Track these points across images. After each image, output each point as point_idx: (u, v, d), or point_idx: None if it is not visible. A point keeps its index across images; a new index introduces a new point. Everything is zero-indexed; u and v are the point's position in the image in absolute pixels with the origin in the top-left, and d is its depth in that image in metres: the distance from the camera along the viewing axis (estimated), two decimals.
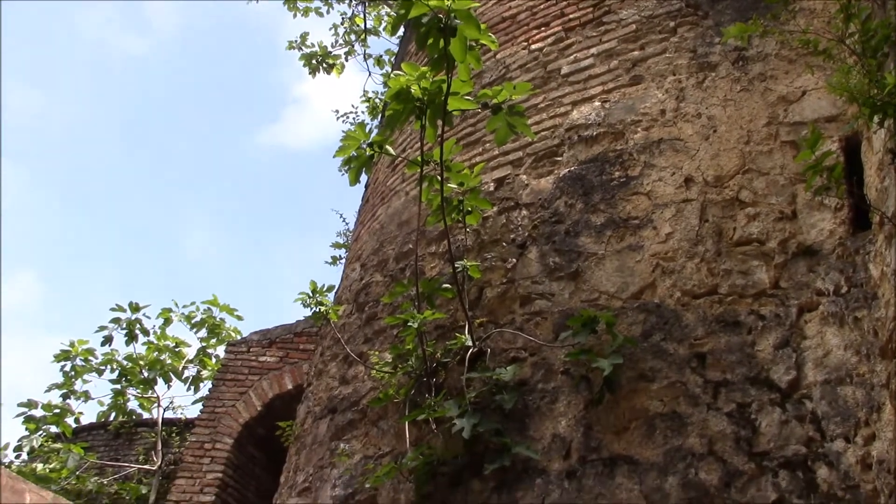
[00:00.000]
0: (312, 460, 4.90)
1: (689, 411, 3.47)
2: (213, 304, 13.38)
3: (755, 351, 3.51)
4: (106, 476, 11.60)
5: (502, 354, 4.12)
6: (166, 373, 12.69)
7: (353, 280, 5.76)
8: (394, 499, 4.09)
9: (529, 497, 3.60)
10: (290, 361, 10.38)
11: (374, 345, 4.92)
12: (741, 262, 3.77)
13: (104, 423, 12.77)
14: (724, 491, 3.23)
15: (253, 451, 10.36)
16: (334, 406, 4.98)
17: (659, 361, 3.65)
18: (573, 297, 4.08)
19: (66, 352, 12.72)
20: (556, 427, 3.73)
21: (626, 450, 3.51)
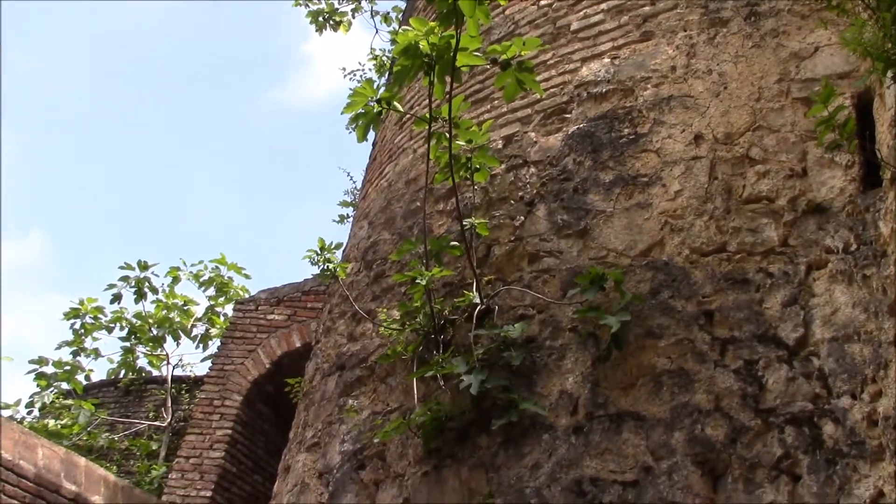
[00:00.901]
0: (321, 416, 4.95)
1: (696, 368, 3.49)
2: (220, 262, 13.43)
3: (763, 308, 3.51)
4: (117, 432, 11.76)
5: (510, 312, 4.13)
6: (175, 331, 12.79)
7: (361, 238, 5.76)
8: (402, 454, 4.13)
9: (537, 452, 3.63)
10: (298, 319, 10.43)
11: (382, 302, 4.94)
12: (750, 219, 3.75)
13: (114, 380, 12.90)
14: (731, 446, 3.26)
15: (262, 408, 10.46)
16: (343, 363, 5.01)
17: (667, 319, 3.66)
18: (581, 255, 4.08)
19: (75, 310, 12.81)
20: (563, 383, 3.75)
21: (633, 406, 3.53)
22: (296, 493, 4.75)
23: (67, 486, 7.89)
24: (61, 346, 12.83)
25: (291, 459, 5.16)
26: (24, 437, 7.69)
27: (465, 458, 3.84)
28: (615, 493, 3.36)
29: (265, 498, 9.64)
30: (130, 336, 12.84)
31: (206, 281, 13.37)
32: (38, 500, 7.53)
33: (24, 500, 7.39)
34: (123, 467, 11.03)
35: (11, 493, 7.30)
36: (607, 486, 3.39)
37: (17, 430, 7.71)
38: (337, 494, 4.35)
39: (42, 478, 7.61)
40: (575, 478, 3.47)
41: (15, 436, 7.53)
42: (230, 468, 9.90)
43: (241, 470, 10.10)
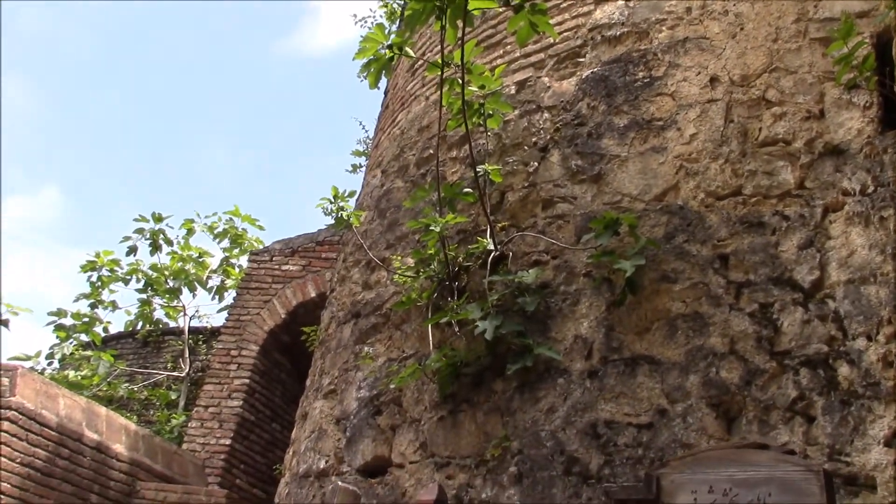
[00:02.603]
0: (337, 364, 4.99)
1: (711, 312, 3.49)
2: (234, 214, 13.46)
3: (779, 251, 3.49)
4: (136, 383, 11.91)
5: (524, 258, 4.13)
6: (191, 282, 12.87)
7: (374, 187, 5.75)
8: (418, 399, 4.17)
9: (551, 396, 3.66)
10: (312, 270, 10.48)
11: (396, 250, 4.94)
12: (766, 162, 3.72)
13: (132, 331, 13.03)
14: (745, 389, 3.27)
15: (278, 358, 10.57)
16: (358, 311, 5.04)
17: (681, 263, 3.65)
18: (595, 200, 4.06)
19: (92, 262, 12.89)
20: (577, 328, 3.76)
21: (648, 350, 3.54)
22: (314, 439, 4.81)
23: (89, 434, 8.02)
24: (79, 298, 12.95)
25: (309, 406, 5.22)
26: (46, 388, 7.81)
27: (481, 402, 3.87)
28: (630, 435, 3.39)
29: (283, 445, 9.78)
30: (147, 288, 12.93)
31: (221, 233, 13.42)
32: (60, 448, 7.67)
33: (47, 448, 7.52)
34: (143, 417, 11.20)
35: (35, 442, 7.43)
36: (622, 429, 3.42)
37: (38, 380, 7.83)
38: (354, 439, 4.40)
39: (64, 427, 7.74)
40: (590, 421, 3.50)
41: (36, 386, 7.65)
42: (248, 416, 10.04)
43: (259, 418, 10.24)
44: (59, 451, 7.63)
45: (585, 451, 3.45)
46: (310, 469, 4.70)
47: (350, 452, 4.41)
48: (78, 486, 7.81)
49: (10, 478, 7.14)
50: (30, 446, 7.36)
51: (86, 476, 7.91)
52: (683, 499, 2.11)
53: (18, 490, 7.20)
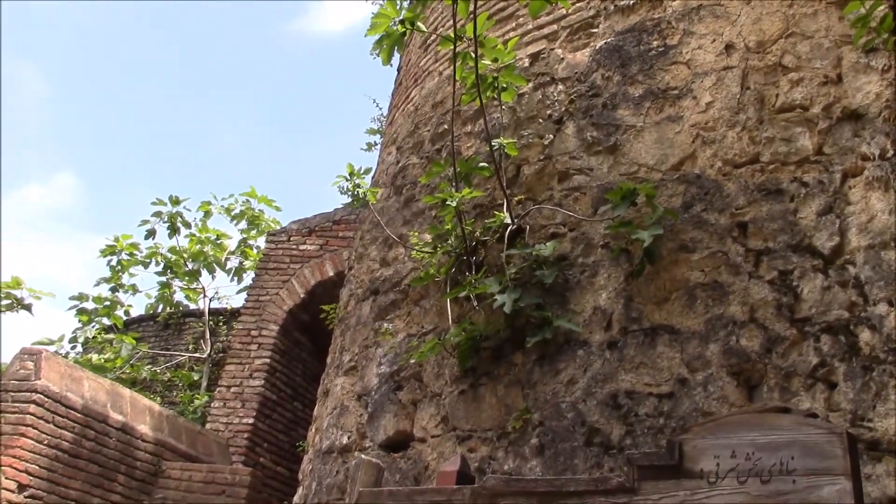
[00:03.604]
0: (357, 340, 5.02)
1: (730, 280, 3.48)
2: (251, 195, 13.52)
3: (798, 218, 3.47)
4: (158, 365, 12.02)
5: (541, 231, 4.13)
6: (210, 264, 12.95)
7: (390, 164, 5.75)
8: (438, 374, 4.19)
9: (571, 368, 3.67)
10: (329, 249, 10.52)
11: (413, 226, 4.95)
12: (784, 129, 3.69)
13: (153, 314, 13.14)
14: (766, 356, 3.26)
15: (298, 337, 10.64)
16: (376, 288, 5.06)
17: (700, 232, 3.63)
18: (612, 171, 4.05)
19: (111, 247, 13.00)
20: (596, 300, 3.76)
21: (667, 319, 3.54)
22: (336, 416, 4.85)
23: (114, 416, 8.12)
24: (100, 282, 13.07)
25: (330, 383, 5.25)
26: (70, 371, 7.90)
27: (501, 375, 3.88)
28: (651, 405, 3.40)
29: (305, 423, 9.87)
30: (166, 271, 13.03)
31: (238, 214, 13.48)
32: (86, 430, 7.77)
33: (73, 430, 7.62)
34: (167, 398, 11.31)
35: (61, 424, 7.53)
36: (643, 399, 3.43)
37: (62, 363, 7.92)
38: (376, 415, 4.43)
39: (89, 409, 7.84)
40: (610, 391, 3.51)
41: (61, 369, 7.74)
42: (270, 395, 10.13)
43: (280, 397, 10.33)
44: (85, 432, 7.74)
45: (606, 421, 3.46)
46: (333, 445, 4.74)
47: (372, 428, 4.44)
48: (104, 466, 7.92)
49: (37, 459, 7.25)
50: (56, 428, 7.46)
51: (112, 457, 8.02)
52: (706, 464, 2.11)
53: (46, 471, 7.32)
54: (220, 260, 13.11)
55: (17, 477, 7.05)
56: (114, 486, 8.01)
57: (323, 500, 4.58)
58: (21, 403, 7.27)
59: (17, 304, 7.56)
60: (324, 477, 4.69)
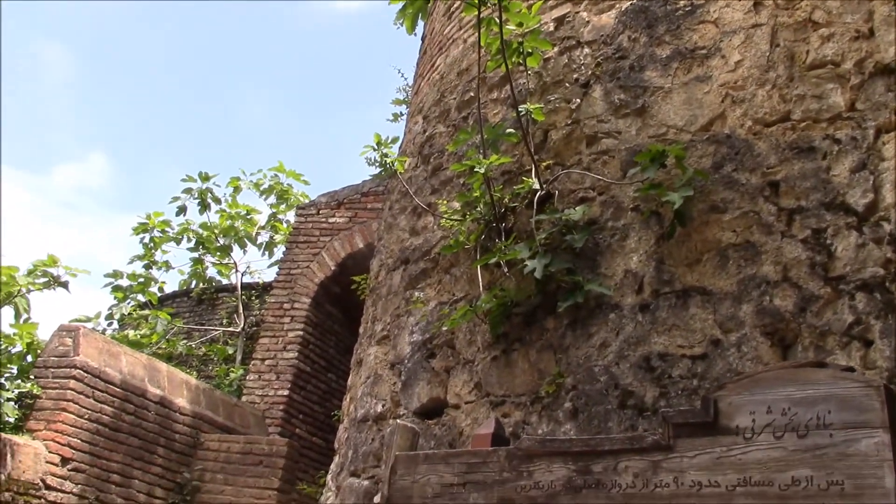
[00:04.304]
0: (389, 310, 5.05)
1: (762, 240, 3.45)
2: (279, 170, 13.59)
3: (830, 176, 3.43)
4: (193, 340, 12.18)
5: (570, 195, 4.11)
6: (241, 239, 13.06)
7: (416, 133, 5.75)
8: (470, 340, 4.21)
9: (603, 331, 3.67)
10: (359, 221, 10.56)
11: (441, 195, 4.95)
12: (815, 85, 3.63)
13: (186, 290, 13.29)
14: (800, 316, 3.24)
15: (330, 309, 10.72)
16: (406, 257, 5.08)
17: (731, 192, 3.60)
18: (640, 134, 4.02)
19: (143, 224, 13.14)
20: (627, 263, 3.75)
21: (699, 281, 3.52)
22: (369, 385, 4.90)
23: (152, 389, 8.26)
24: (133, 260, 13.24)
25: (363, 353, 5.30)
26: (108, 346, 8.03)
27: (533, 341, 3.89)
28: (684, 366, 3.39)
29: (339, 394, 9.97)
30: (198, 247, 13.16)
31: (267, 189, 13.56)
32: (126, 404, 7.91)
33: (112, 404, 7.77)
34: (203, 372, 11.47)
35: (101, 399, 7.67)
36: (676, 361, 3.42)
37: (100, 339, 8.06)
38: (409, 383, 4.47)
39: (128, 383, 7.98)
40: (643, 354, 3.51)
41: (99, 345, 7.87)
42: (304, 367, 10.24)
43: (314, 369, 10.44)
44: (124, 406, 7.88)
45: (640, 384, 3.46)
46: (367, 413, 4.79)
47: (406, 396, 4.48)
48: (144, 439, 8.08)
49: (79, 433, 7.40)
50: (96, 403, 7.61)
51: (151, 430, 8.17)
52: (741, 420, 2.12)
53: (88, 445, 7.47)
54: (250, 235, 13.21)
55: (60, 451, 7.20)
56: (154, 459, 8.17)
57: (359, 467, 4.64)
58: (61, 379, 7.41)
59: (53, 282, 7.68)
60: (359, 445, 4.74)
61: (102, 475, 7.62)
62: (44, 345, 7.79)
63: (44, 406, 7.32)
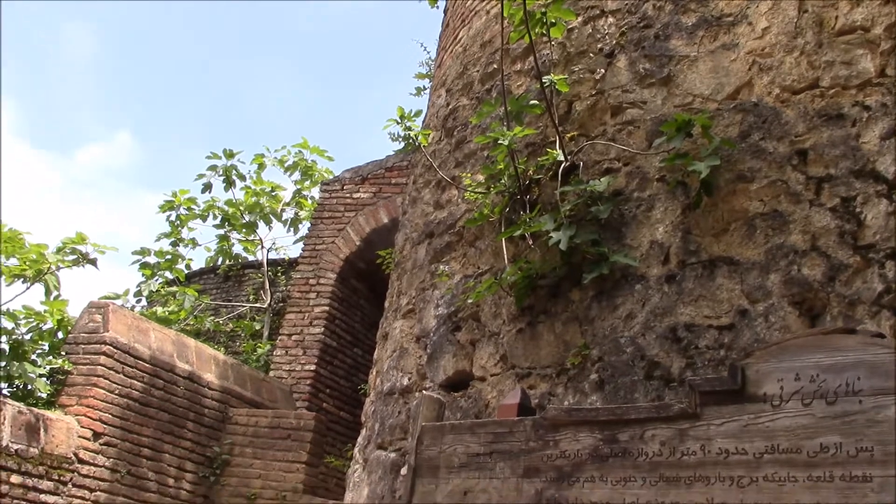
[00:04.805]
0: (414, 284, 5.06)
1: (790, 209, 3.41)
2: (303, 146, 13.62)
3: (860, 143, 3.38)
4: (221, 316, 12.29)
5: (595, 167, 4.08)
6: (266, 215, 13.12)
7: (440, 106, 5.73)
8: (495, 313, 4.22)
9: (630, 303, 3.65)
10: (383, 196, 10.58)
11: (465, 168, 4.94)
12: (844, 51, 3.57)
13: (213, 267, 13.39)
14: (829, 285, 3.21)
15: (355, 284, 10.77)
16: (431, 231, 5.08)
17: (758, 161, 3.56)
18: (666, 103, 3.98)
19: (169, 202, 13.23)
20: (653, 234, 3.73)
21: (726, 251, 3.50)
22: (395, 358, 4.92)
23: (181, 365, 8.35)
24: (160, 237, 13.36)
25: (389, 327, 5.32)
26: (137, 322, 8.12)
27: (559, 312, 3.89)
28: (711, 337, 3.37)
29: (366, 369, 10.04)
30: (224, 223, 13.24)
31: (291, 166, 13.61)
32: (155, 379, 8.01)
33: (142, 380, 7.87)
34: (230, 348, 11.58)
35: (131, 374, 7.77)
36: (702, 332, 3.41)
37: (129, 315, 8.14)
38: (435, 356, 4.49)
39: (157, 359, 8.07)
40: (669, 325, 3.49)
41: (128, 321, 7.96)
42: (330, 342, 10.30)
43: (340, 344, 10.50)
44: (154, 381, 7.98)
45: (666, 355, 3.45)
46: (394, 387, 4.82)
47: (432, 369, 4.50)
48: (174, 414, 8.18)
49: (110, 408, 7.51)
50: (126, 378, 7.71)
51: (181, 405, 8.28)
52: (769, 388, 2.10)
53: (119, 420, 7.58)
54: (275, 211, 13.28)
55: (91, 426, 7.32)
56: (184, 433, 8.27)
57: (386, 440, 4.67)
58: (92, 355, 7.51)
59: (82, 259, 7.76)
60: (386, 418, 4.77)
61: (134, 449, 7.73)
62: (74, 321, 7.89)
63: (75, 382, 7.43)
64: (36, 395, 7.39)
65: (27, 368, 7.21)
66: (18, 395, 7.31)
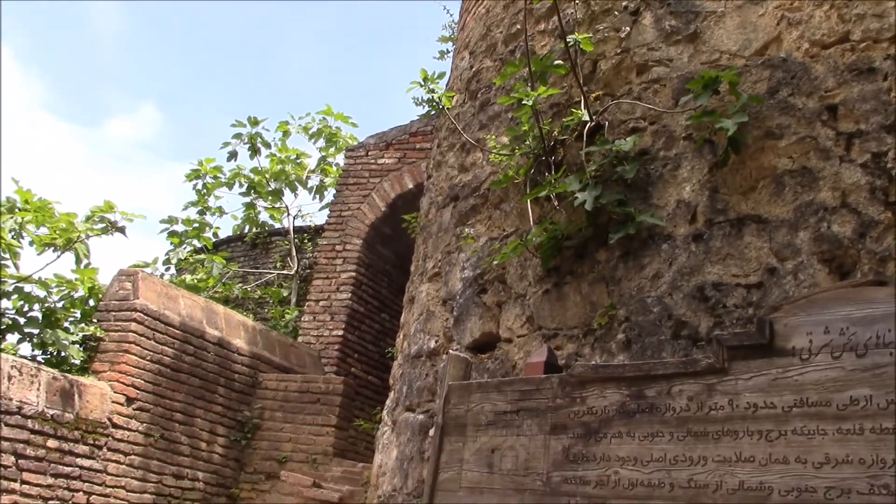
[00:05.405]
0: (440, 247, 5.07)
1: (820, 165, 3.37)
2: (327, 113, 13.60)
3: (892, 98, 3.32)
4: (248, 283, 12.39)
5: (621, 126, 4.05)
6: (291, 183, 13.16)
7: (463, 69, 5.69)
8: (521, 275, 4.21)
9: (656, 262, 3.63)
10: (407, 161, 10.57)
11: (489, 130, 4.92)
12: (875, 3, 3.50)
13: (240, 235, 13.48)
14: (859, 242, 3.17)
15: (381, 250, 10.80)
16: (456, 194, 5.07)
17: (787, 117, 3.51)
18: (692, 61, 3.92)
19: (196, 171, 13.30)
20: (680, 193, 3.70)
21: (754, 209, 3.46)
22: (422, 321, 4.94)
23: (210, 331, 8.45)
24: (187, 206, 13.44)
25: (415, 290, 5.34)
26: (166, 290, 8.21)
27: (585, 273, 3.88)
28: (739, 296, 3.35)
29: (393, 334, 10.10)
30: (250, 191, 13.30)
31: (315, 132, 13.61)
32: (185, 345, 8.11)
33: (173, 346, 7.97)
34: (259, 314, 11.69)
35: (162, 341, 7.87)
36: (730, 290, 3.39)
37: (158, 283, 8.23)
38: (462, 318, 4.50)
39: (187, 325, 8.16)
40: (697, 284, 3.47)
41: (157, 288, 8.05)
42: (358, 308, 10.36)
43: (367, 309, 10.56)
44: (184, 347, 8.08)
45: (693, 314, 3.44)
46: (421, 349, 4.84)
47: (458, 331, 4.51)
48: (205, 379, 8.29)
49: (142, 374, 7.62)
50: (157, 344, 7.81)
51: (211, 370, 8.39)
52: (798, 341, 2.09)
53: (151, 385, 7.70)
54: (301, 178, 13.31)
55: (124, 391, 7.44)
56: (215, 398, 8.39)
57: (414, 402, 4.71)
58: (123, 322, 7.62)
59: (111, 227, 7.84)
60: (414, 380, 4.81)
61: (166, 414, 7.85)
62: (104, 289, 7.98)
63: (107, 348, 7.54)
64: (69, 362, 7.51)
65: (60, 336, 7.32)
66: (52, 361, 7.43)
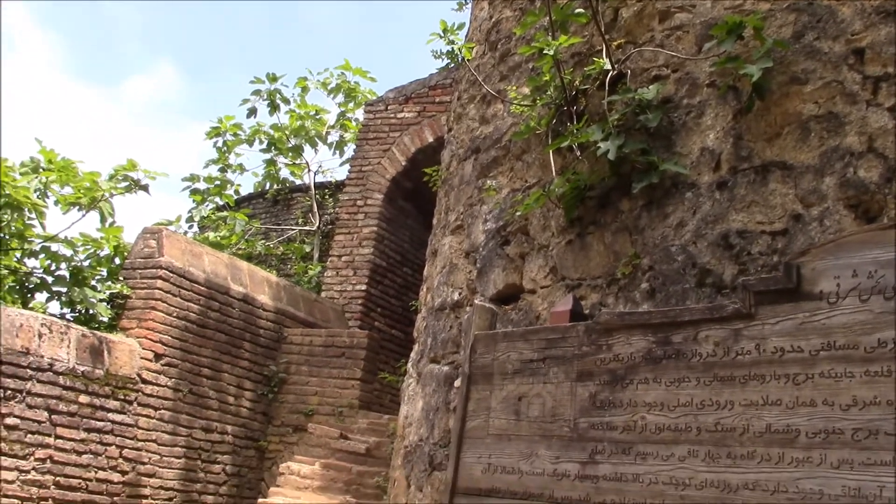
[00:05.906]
0: (462, 200, 5.07)
1: (846, 110, 3.32)
2: (345, 68, 13.54)
3: None
4: (271, 240, 12.46)
5: (643, 74, 4.01)
6: (311, 138, 13.16)
7: (482, 20, 5.63)
8: (544, 226, 4.22)
9: (680, 211, 3.62)
10: (427, 115, 10.53)
11: (510, 81, 4.88)
12: None
13: (261, 192, 13.54)
14: (886, 186, 3.14)
15: (402, 204, 10.82)
16: (477, 146, 5.06)
17: (812, 62, 3.46)
18: (716, 6, 3.86)
19: (216, 128, 13.33)
20: (703, 140, 3.67)
21: (780, 155, 3.43)
22: (445, 274, 4.96)
23: (235, 287, 8.53)
24: (208, 164, 13.50)
25: (438, 243, 5.35)
26: (190, 247, 8.28)
27: (608, 223, 3.87)
28: (764, 243, 3.34)
29: (416, 288, 10.15)
30: (270, 148, 13.32)
31: (334, 88, 13.57)
32: (211, 301, 8.20)
33: (198, 302, 8.06)
34: (282, 271, 11.78)
35: (187, 297, 7.96)
36: (755, 238, 3.37)
37: (182, 240, 8.31)
38: (485, 270, 4.52)
39: (211, 282, 8.24)
40: (721, 232, 3.46)
41: (182, 246, 8.12)
42: (380, 262, 10.42)
43: (390, 263, 10.62)
44: (209, 304, 8.18)
45: (718, 262, 3.43)
46: (444, 302, 4.87)
47: (482, 283, 4.53)
48: (231, 335, 8.40)
49: (169, 330, 7.73)
50: (183, 301, 7.91)
51: (237, 325, 8.49)
52: (826, 285, 2.09)
53: (178, 341, 7.81)
54: (320, 134, 13.30)
55: (153, 347, 7.55)
56: (241, 353, 8.51)
57: (438, 353, 4.75)
58: (149, 279, 7.71)
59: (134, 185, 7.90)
60: (438, 332, 4.85)
61: (194, 369, 7.98)
62: (130, 247, 8.07)
63: (134, 305, 7.65)
64: (98, 320, 7.63)
65: (88, 294, 7.43)
66: (81, 319, 7.55)
